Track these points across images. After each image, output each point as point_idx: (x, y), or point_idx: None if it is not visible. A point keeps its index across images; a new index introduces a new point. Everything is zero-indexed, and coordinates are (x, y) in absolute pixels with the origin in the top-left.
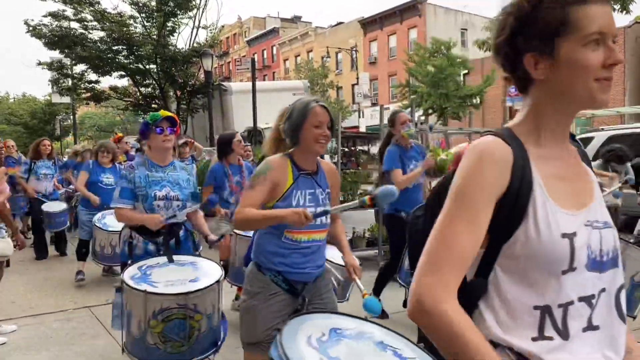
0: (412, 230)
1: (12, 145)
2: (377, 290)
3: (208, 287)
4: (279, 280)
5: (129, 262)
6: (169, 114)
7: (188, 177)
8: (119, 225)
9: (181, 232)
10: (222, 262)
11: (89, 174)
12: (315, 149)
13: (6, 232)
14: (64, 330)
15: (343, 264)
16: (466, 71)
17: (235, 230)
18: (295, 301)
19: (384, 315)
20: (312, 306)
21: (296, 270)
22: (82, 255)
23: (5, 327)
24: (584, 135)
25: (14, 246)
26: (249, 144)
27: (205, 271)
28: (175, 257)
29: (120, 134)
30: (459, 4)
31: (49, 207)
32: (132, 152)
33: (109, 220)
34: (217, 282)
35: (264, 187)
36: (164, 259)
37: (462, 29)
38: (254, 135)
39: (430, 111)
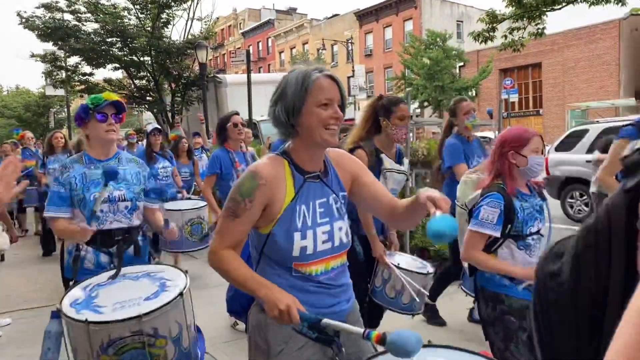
0: (546, 295)
1: (30, 137)
2: (434, 296)
3: (167, 303)
4: (303, 328)
5: (72, 281)
6: (115, 97)
7: (138, 170)
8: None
9: (139, 237)
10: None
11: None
12: (323, 138)
13: (1, 226)
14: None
15: (419, 269)
16: (462, 63)
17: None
18: (326, 349)
19: (441, 321)
20: (348, 353)
21: (324, 311)
22: (49, 252)
23: (0, 320)
24: (579, 128)
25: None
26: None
27: (165, 282)
28: (126, 270)
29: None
30: None
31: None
32: (123, 144)
33: None
34: (180, 294)
35: (252, 214)
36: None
37: (457, 21)
38: (249, 127)
39: (425, 104)
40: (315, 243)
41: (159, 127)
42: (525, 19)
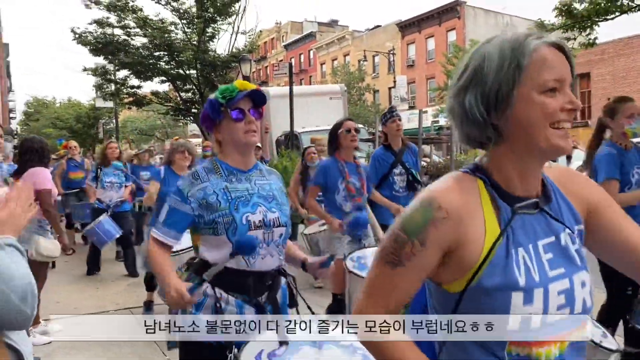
0: None
1: (75, 147)
2: None
3: None
4: None
5: (233, 348)
6: (252, 86)
7: (281, 185)
8: (186, 243)
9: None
10: (339, 297)
11: (161, 184)
12: (551, 143)
13: (52, 233)
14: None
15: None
16: None
17: (347, 265)
18: None
19: None
20: None
21: None
22: (152, 285)
23: (50, 326)
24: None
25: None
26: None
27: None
28: (295, 337)
29: (177, 137)
30: (499, 5)
31: (88, 227)
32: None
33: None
34: None
35: (424, 262)
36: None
37: (502, 30)
38: (290, 139)
39: None
40: (546, 309)
41: None
42: (575, 29)
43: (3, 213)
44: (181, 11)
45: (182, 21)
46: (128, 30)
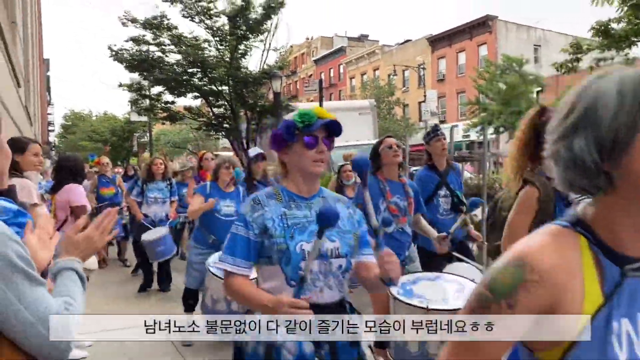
0: None
1: (107, 163)
2: None
3: None
4: None
5: None
6: (330, 115)
7: (349, 212)
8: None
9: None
10: None
11: (206, 199)
12: None
13: None
14: (137, 347)
15: None
16: (540, 89)
17: (391, 291)
18: None
19: None
20: None
21: None
22: (189, 306)
23: (83, 341)
24: None
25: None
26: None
27: None
28: None
29: (202, 152)
30: (533, 19)
31: (147, 235)
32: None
33: None
34: None
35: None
36: None
37: (535, 45)
38: None
39: (501, 129)
40: None
41: (263, 152)
42: (613, 48)
43: (80, 236)
44: (214, 29)
45: (215, 39)
46: (163, 47)
